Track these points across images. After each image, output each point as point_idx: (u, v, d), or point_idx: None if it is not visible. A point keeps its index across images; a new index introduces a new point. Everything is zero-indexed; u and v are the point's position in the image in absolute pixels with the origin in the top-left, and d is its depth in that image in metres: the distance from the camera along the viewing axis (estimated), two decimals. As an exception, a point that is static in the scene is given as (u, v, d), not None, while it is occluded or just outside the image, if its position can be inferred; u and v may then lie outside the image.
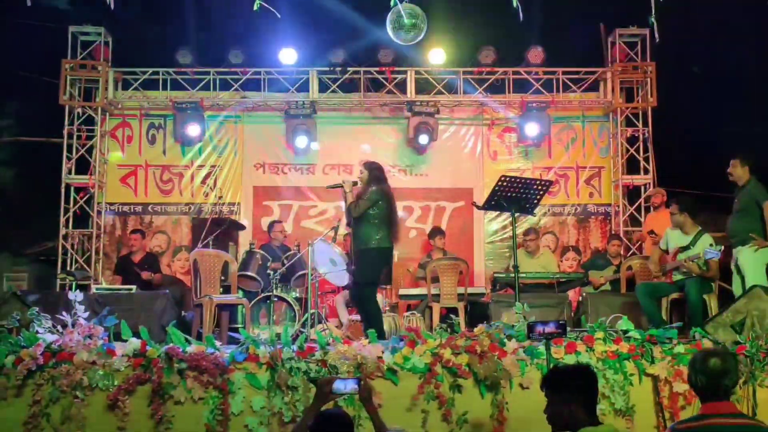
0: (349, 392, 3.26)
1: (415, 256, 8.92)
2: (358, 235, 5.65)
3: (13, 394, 4.40)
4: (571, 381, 2.91)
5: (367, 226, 5.61)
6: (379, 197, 5.62)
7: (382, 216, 5.64)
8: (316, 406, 3.29)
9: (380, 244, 5.63)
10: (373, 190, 5.65)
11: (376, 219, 5.61)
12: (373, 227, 5.60)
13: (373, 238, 5.60)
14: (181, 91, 9.17)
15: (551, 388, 2.93)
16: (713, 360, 2.91)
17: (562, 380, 2.95)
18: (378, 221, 5.62)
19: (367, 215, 5.60)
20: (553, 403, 2.89)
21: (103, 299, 6.30)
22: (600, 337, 4.73)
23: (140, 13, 9.23)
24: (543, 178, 7.96)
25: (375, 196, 5.62)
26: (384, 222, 5.65)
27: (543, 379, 3.06)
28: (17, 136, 10.62)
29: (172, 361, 4.41)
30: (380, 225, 5.62)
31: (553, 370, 3.12)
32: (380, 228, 5.62)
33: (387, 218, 5.68)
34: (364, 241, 5.61)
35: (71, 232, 8.90)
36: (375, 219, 5.62)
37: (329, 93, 9.19)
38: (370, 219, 5.60)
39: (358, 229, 5.64)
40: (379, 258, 5.71)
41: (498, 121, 9.49)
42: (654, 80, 9.02)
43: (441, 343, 4.59)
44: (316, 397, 3.31)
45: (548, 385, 2.96)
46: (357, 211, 5.60)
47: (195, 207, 9.22)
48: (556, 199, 9.33)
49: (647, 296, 5.92)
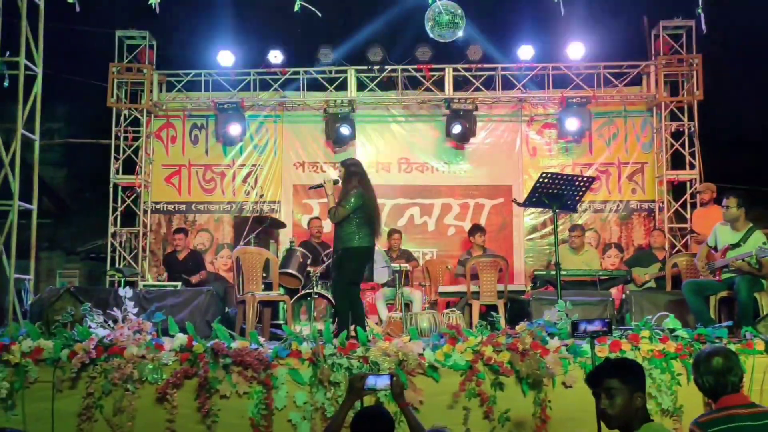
0: (381, 388, 3.28)
1: (454, 254, 8.92)
2: (340, 235, 5.65)
3: (68, 386, 4.54)
4: (635, 370, 2.78)
5: (348, 226, 5.62)
6: (359, 203, 5.60)
7: (363, 216, 5.66)
8: (349, 401, 3.33)
9: (361, 243, 5.63)
10: (353, 194, 5.62)
11: (357, 219, 5.63)
12: (354, 227, 5.62)
13: (355, 237, 5.61)
14: (222, 91, 9.35)
15: (619, 376, 2.71)
16: (716, 359, 2.94)
17: (628, 368, 2.77)
18: (359, 221, 5.63)
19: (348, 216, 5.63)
20: (619, 394, 2.68)
21: (150, 295, 6.47)
22: (646, 335, 4.65)
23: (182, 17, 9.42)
24: (585, 175, 7.87)
25: (354, 202, 5.59)
26: (365, 221, 5.67)
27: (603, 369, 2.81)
28: (67, 137, 10.95)
29: (217, 356, 4.50)
30: (361, 225, 5.63)
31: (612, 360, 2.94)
32: (361, 227, 5.63)
33: (368, 218, 5.69)
34: (345, 240, 5.62)
35: (119, 230, 9.16)
36: (356, 219, 5.62)
37: (367, 91, 9.25)
38: (351, 219, 5.62)
39: (340, 229, 5.65)
40: (361, 257, 5.70)
41: (537, 117, 9.42)
42: (700, 73, 8.83)
43: (482, 341, 4.57)
44: (348, 393, 3.34)
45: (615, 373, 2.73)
46: (336, 218, 5.61)
47: (236, 205, 9.38)
48: (598, 196, 9.22)
49: (695, 294, 5.76)
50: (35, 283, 6.19)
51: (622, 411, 2.68)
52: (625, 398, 2.67)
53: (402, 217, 9.32)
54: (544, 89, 9.20)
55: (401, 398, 3.34)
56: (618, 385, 2.69)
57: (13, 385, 4.54)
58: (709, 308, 5.83)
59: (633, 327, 4.83)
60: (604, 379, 2.74)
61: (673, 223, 8.95)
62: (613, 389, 2.70)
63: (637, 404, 2.68)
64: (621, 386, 2.69)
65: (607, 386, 2.72)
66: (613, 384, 2.70)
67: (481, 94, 9.16)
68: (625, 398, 2.67)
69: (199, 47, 9.54)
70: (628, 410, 2.67)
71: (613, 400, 2.69)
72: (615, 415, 2.69)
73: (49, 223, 10.68)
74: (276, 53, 9.13)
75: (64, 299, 5.53)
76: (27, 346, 4.59)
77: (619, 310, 6.81)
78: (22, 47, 5.80)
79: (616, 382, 2.70)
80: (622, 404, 2.68)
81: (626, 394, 2.68)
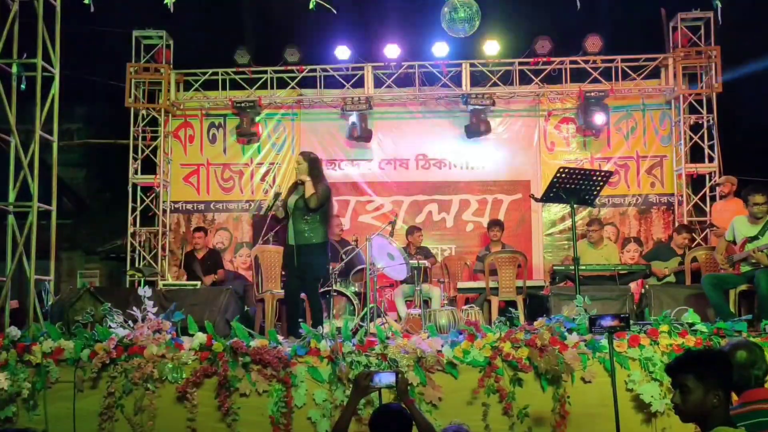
0: (387, 385, 3.28)
1: (472, 250, 8.89)
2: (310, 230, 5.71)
3: (89, 386, 4.59)
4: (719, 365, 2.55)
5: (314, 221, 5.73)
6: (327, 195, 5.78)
7: (327, 211, 5.82)
8: (356, 398, 3.33)
9: (325, 238, 5.83)
10: (325, 189, 5.77)
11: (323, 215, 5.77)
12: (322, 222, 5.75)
13: (324, 233, 5.77)
14: (239, 90, 9.39)
15: (695, 372, 2.50)
16: (740, 352, 2.88)
17: (709, 363, 2.54)
18: (322, 217, 5.77)
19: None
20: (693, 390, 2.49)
21: (169, 295, 6.51)
22: (665, 330, 4.61)
23: (199, 16, 9.47)
24: (603, 169, 7.81)
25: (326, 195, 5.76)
26: (327, 217, 5.85)
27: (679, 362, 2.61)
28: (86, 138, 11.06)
29: (236, 354, 4.53)
30: (324, 221, 5.79)
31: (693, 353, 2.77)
32: (324, 223, 5.80)
33: (329, 214, 5.91)
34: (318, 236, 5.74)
35: (138, 230, 9.23)
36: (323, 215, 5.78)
37: (384, 88, 9.24)
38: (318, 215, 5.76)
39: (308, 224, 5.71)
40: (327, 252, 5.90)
41: (555, 112, 9.35)
42: (719, 65, 8.70)
43: (501, 337, 4.56)
44: (354, 390, 3.35)
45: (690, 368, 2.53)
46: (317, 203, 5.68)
47: (255, 204, 9.42)
48: (616, 190, 9.13)
49: (714, 288, 5.69)
50: (56, 283, 6.24)
51: (695, 409, 2.50)
52: (698, 396, 2.48)
53: (420, 213, 9.31)
54: (562, 83, 9.13)
55: (406, 396, 3.35)
56: (693, 381, 2.49)
57: (35, 386, 4.60)
58: (728, 302, 5.79)
59: (652, 321, 4.79)
60: (678, 374, 2.55)
61: (692, 216, 8.84)
62: (686, 385, 2.51)
63: (713, 403, 2.47)
64: (696, 383, 2.49)
65: (681, 381, 2.53)
66: (687, 380, 2.51)
67: (498, 90, 9.10)
68: (699, 396, 2.48)
69: (216, 46, 9.59)
70: (701, 408, 2.48)
71: (685, 396, 2.51)
72: (687, 411, 2.52)
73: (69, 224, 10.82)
74: (293, 51, 9.15)
75: (84, 299, 5.58)
76: (48, 347, 4.66)
77: (639, 305, 6.75)
78: (39, 49, 5.84)
79: (692, 378, 2.50)
80: (694, 402, 2.49)
81: (701, 392, 2.48)
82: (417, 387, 4.41)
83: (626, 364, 4.50)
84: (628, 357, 4.51)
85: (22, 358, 4.66)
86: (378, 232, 6.84)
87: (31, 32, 5.86)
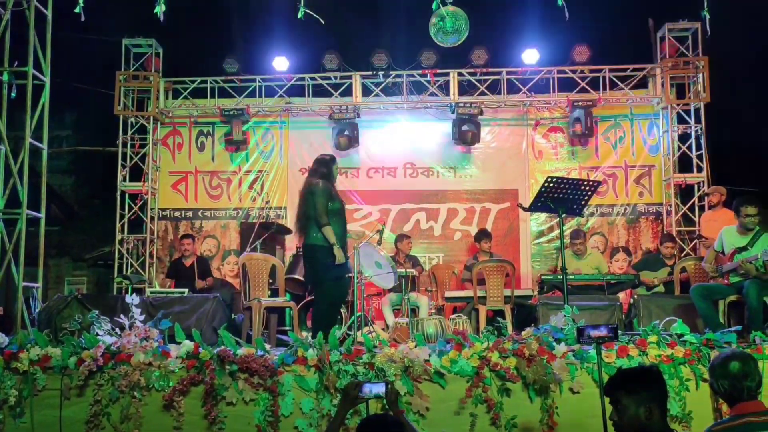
0: (376, 395, 3.28)
1: (460, 258, 8.91)
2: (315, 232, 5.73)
3: (75, 393, 4.55)
4: (648, 380, 2.70)
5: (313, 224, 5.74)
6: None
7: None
8: (345, 408, 3.32)
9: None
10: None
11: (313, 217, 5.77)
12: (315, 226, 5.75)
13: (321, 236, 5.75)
14: (228, 98, 9.39)
15: (625, 388, 2.66)
16: (733, 363, 2.86)
17: (638, 379, 2.70)
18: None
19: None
20: (626, 406, 2.64)
21: (157, 302, 6.48)
22: (654, 340, 4.60)
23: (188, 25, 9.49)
24: (591, 179, 7.85)
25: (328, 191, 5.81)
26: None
27: (612, 380, 2.76)
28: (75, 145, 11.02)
29: (223, 363, 4.51)
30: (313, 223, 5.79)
31: (624, 371, 2.90)
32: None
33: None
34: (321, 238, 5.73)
35: (126, 237, 9.19)
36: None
37: (372, 97, 9.27)
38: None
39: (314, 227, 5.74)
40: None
41: (543, 121, 9.40)
42: (707, 75, 8.79)
43: (488, 346, 4.55)
44: (343, 400, 3.33)
45: (621, 385, 2.69)
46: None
47: (243, 212, 9.41)
48: (605, 199, 9.19)
49: (703, 298, 5.68)
50: (43, 289, 6.22)
51: (631, 423, 2.61)
52: (631, 411, 2.61)
53: (408, 222, 9.32)
54: (550, 93, 9.19)
55: (395, 406, 3.33)
56: (625, 397, 2.63)
57: (22, 393, 4.55)
58: (718, 312, 5.77)
59: (641, 332, 4.80)
60: (613, 392, 2.70)
61: (681, 226, 8.90)
62: (620, 401, 2.65)
63: (646, 416, 2.59)
64: (628, 398, 2.62)
65: (615, 398, 2.67)
66: (620, 396, 2.65)
67: (486, 98, 9.15)
68: (632, 411, 2.61)
69: (205, 54, 9.60)
70: (636, 423, 2.60)
71: (619, 411, 2.64)
72: (623, 426, 2.64)
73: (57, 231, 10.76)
74: (281, 60, 9.17)
75: (71, 307, 5.56)
76: (35, 354, 4.61)
77: (627, 315, 6.78)
78: (30, 57, 5.84)
79: (623, 394, 2.64)
80: (629, 417, 2.61)
81: (633, 407, 2.61)
82: (404, 396, 4.40)
83: (614, 374, 4.51)
84: (617, 367, 4.51)
85: (10, 365, 4.61)
86: (366, 240, 6.84)
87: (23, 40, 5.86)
